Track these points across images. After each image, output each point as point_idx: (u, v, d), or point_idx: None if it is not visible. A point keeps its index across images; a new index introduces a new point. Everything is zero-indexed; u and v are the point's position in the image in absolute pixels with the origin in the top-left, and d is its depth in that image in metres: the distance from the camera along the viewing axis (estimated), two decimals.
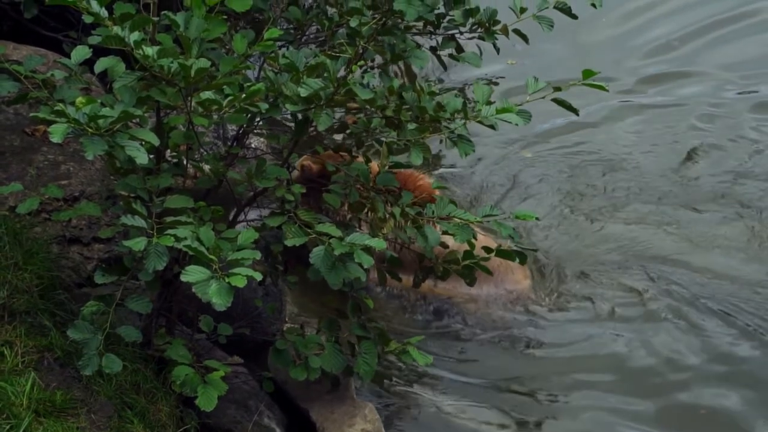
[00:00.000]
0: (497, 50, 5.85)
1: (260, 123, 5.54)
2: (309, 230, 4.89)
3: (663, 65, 10.00)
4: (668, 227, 7.93)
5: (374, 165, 5.59)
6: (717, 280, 7.41)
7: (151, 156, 4.83)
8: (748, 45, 10.23)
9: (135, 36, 4.42)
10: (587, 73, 5.02)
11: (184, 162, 5.18)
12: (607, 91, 5.22)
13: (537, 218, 5.38)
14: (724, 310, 7.08)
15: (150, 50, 4.42)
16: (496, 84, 9.24)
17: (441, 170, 8.31)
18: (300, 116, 5.03)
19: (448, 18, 5.75)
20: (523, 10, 5.52)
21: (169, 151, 5.14)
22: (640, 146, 8.89)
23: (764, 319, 7.02)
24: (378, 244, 4.61)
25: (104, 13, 4.47)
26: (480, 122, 4.97)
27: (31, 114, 4.71)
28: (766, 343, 6.86)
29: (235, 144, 5.45)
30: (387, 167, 5.40)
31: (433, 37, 5.89)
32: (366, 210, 5.50)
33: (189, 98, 4.64)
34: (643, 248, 7.73)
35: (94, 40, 4.60)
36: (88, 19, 4.52)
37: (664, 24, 10.44)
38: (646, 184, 8.39)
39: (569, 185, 8.40)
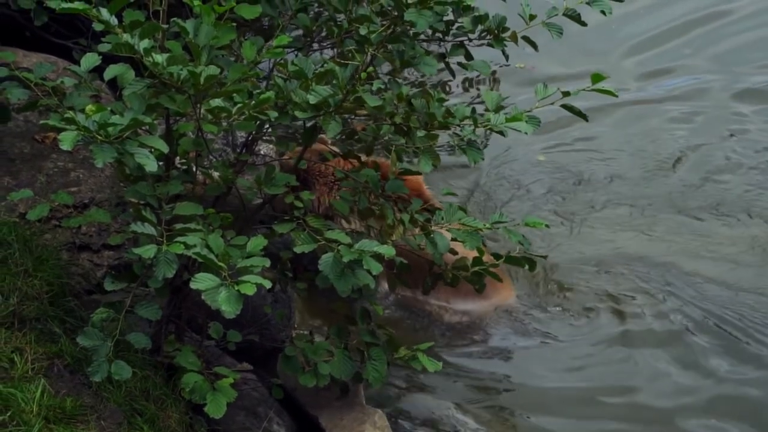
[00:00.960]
0: (506, 57, 5.84)
1: (269, 130, 5.55)
2: (318, 237, 4.90)
3: (652, 60, 10.01)
4: (662, 234, 7.87)
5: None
6: (718, 289, 7.31)
7: (161, 163, 4.83)
8: (734, 40, 10.24)
9: (144, 43, 4.44)
10: (596, 78, 5.01)
11: (194, 169, 5.19)
12: (617, 96, 5.21)
13: (547, 225, 5.35)
14: (727, 328, 6.96)
15: (159, 57, 4.43)
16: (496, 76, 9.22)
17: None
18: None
19: (456, 25, 5.75)
20: (532, 17, 5.51)
21: (178, 158, 5.15)
22: (638, 147, 8.87)
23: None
24: (387, 251, 4.61)
25: (114, 20, 4.48)
26: (490, 129, 4.97)
27: (41, 121, 4.71)
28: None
29: (244, 151, 5.46)
30: (396, 174, 5.40)
31: (442, 43, 5.89)
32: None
33: (198, 105, 4.64)
34: (638, 256, 7.64)
35: (104, 47, 4.61)
36: (98, 27, 4.53)
37: (646, 18, 10.45)
38: (643, 190, 8.34)
39: (565, 188, 8.38)
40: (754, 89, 9.58)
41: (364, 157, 5.59)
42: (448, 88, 9.20)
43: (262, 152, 7.25)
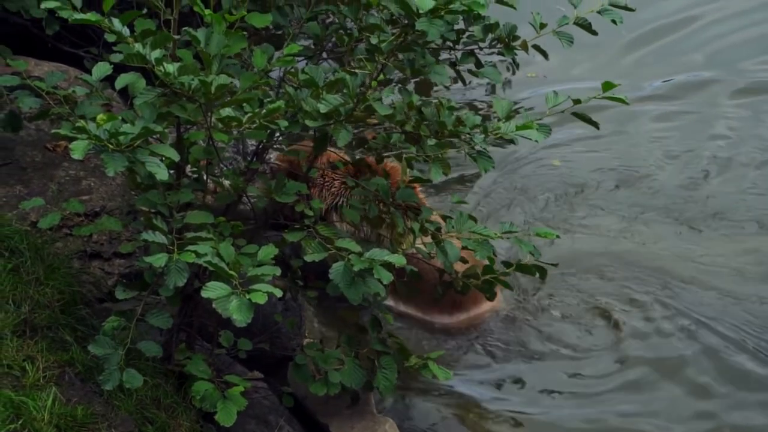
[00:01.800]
0: (516, 65, 5.85)
1: (280, 138, 5.55)
2: (329, 245, 4.90)
3: (650, 56, 9.97)
4: (665, 243, 7.77)
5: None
6: (722, 302, 7.22)
7: (171, 172, 4.85)
8: (732, 37, 10.22)
9: (156, 53, 4.45)
10: (606, 86, 5.03)
11: (204, 177, 5.20)
12: (628, 104, 5.22)
13: (557, 236, 5.35)
14: (731, 346, 6.86)
15: (171, 67, 4.44)
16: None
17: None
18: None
19: (467, 33, 5.75)
20: (543, 26, 5.52)
21: (189, 166, 5.16)
22: (647, 150, 8.80)
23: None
24: (398, 260, 4.61)
25: (126, 31, 4.50)
26: (500, 138, 4.98)
27: (53, 130, 4.74)
28: None
29: (254, 159, 5.47)
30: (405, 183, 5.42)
31: (452, 52, 5.89)
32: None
33: (209, 114, 4.65)
34: (643, 267, 7.55)
35: (116, 58, 4.63)
36: (110, 38, 4.54)
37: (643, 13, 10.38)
38: (649, 198, 8.26)
39: (569, 194, 8.32)
40: (755, 87, 9.53)
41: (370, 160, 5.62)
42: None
43: (272, 160, 7.26)
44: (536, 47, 5.69)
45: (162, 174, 4.41)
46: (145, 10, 4.74)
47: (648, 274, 7.44)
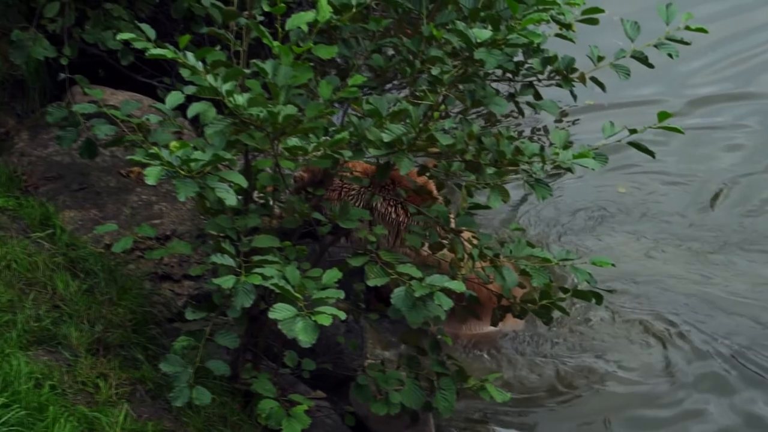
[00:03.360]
0: (574, 97, 5.91)
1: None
2: (390, 271, 5.02)
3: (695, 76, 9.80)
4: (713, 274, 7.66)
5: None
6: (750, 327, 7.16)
7: (240, 197, 4.98)
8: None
9: (227, 86, 4.60)
10: (662, 116, 5.12)
11: (271, 203, 5.34)
12: (683, 133, 5.30)
13: (613, 264, 5.40)
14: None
15: (241, 99, 4.58)
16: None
17: None
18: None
19: (526, 66, 5.83)
20: (600, 59, 5.59)
21: (256, 192, 5.30)
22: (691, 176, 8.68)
23: None
24: (458, 286, 4.71)
25: (199, 65, 4.65)
26: (558, 166, 5.08)
27: (127, 156, 4.88)
28: None
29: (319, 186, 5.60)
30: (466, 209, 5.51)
31: (512, 83, 5.97)
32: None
33: (276, 142, 4.78)
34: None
35: (189, 90, 4.77)
36: (185, 73, 4.69)
37: None
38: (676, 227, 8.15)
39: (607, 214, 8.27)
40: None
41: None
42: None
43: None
44: (593, 79, 5.77)
45: (231, 199, 4.56)
46: (218, 47, 4.91)
47: (681, 300, 7.38)
